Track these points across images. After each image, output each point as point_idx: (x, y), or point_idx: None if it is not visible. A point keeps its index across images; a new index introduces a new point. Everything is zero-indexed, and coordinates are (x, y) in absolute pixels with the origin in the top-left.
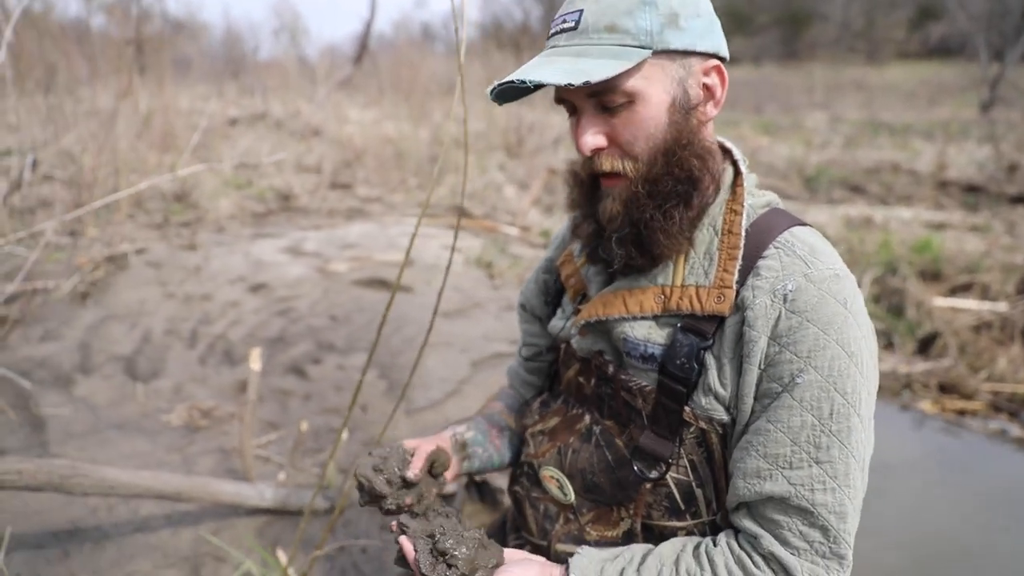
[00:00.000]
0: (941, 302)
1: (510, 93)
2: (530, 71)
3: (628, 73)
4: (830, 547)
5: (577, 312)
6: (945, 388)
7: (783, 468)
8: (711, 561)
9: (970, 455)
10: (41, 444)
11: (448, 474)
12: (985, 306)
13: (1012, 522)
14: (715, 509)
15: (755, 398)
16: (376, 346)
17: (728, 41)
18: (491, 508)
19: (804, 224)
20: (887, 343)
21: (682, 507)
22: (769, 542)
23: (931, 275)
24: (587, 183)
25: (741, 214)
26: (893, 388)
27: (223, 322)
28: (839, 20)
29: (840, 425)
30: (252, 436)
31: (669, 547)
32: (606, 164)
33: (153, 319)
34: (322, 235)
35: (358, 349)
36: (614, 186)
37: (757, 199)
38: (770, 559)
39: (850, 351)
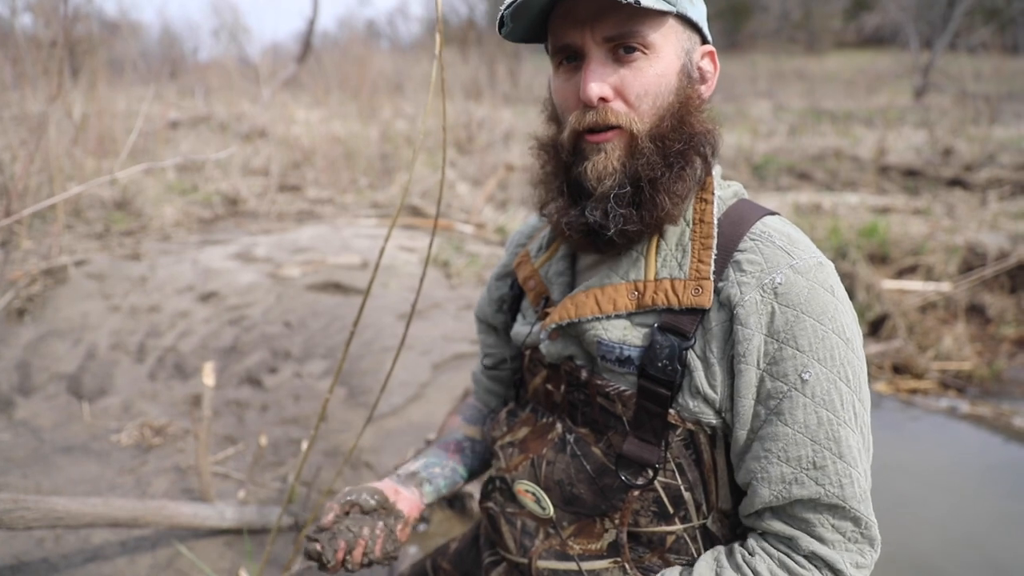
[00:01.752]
0: (889, 284)
1: (521, 18)
2: None
3: (653, 23)
4: (862, 532)
5: (545, 315)
6: (898, 368)
7: (807, 470)
8: (754, 571)
9: (925, 433)
10: None
11: (411, 512)
12: (930, 287)
13: (973, 498)
14: (705, 512)
15: (757, 400)
16: (343, 363)
17: None
18: (460, 516)
19: (774, 213)
20: None
21: (671, 511)
22: (807, 542)
23: (879, 258)
24: (566, 147)
25: (711, 203)
26: None
27: (172, 334)
28: (778, 11)
29: (848, 413)
30: (208, 453)
31: (704, 566)
32: (610, 117)
33: (97, 334)
34: (272, 239)
35: (315, 355)
36: (606, 140)
37: (725, 190)
38: (813, 558)
39: (845, 337)
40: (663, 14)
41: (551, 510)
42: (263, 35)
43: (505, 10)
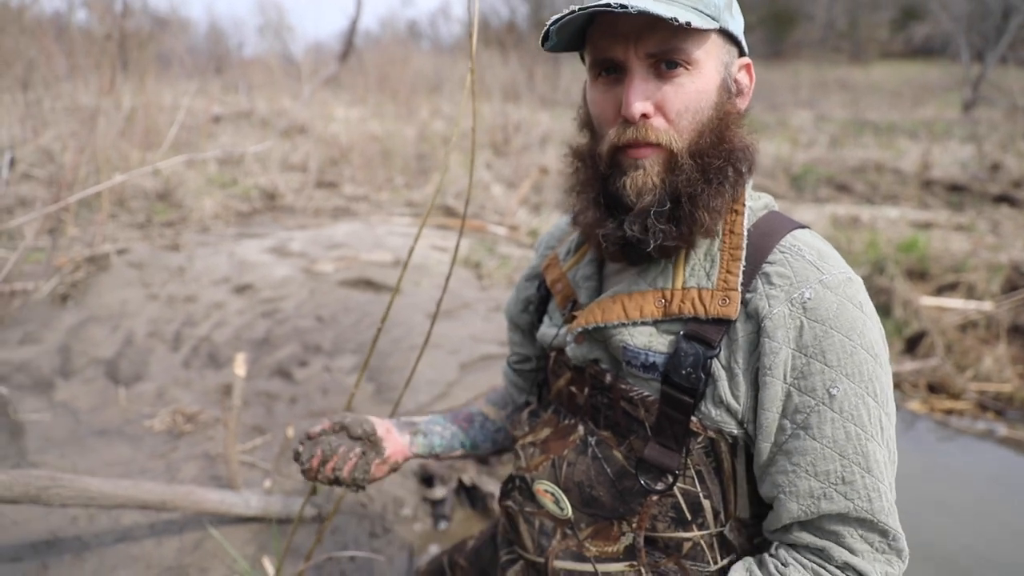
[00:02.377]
0: (928, 301)
1: (565, 33)
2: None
3: (697, 39)
4: (890, 544)
5: (572, 319)
6: (934, 388)
7: (836, 484)
8: None
9: (959, 455)
10: (19, 452)
11: (393, 454)
12: (971, 305)
13: (1005, 526)
14: (723, 520)
15: (783, 414)
16: (370, 357)
17: None
18: (482, 515)
19: (804, 227)
20: None
21: (688, 518)
22: (839, 552)
23: (918, 274)
24: (604, 159)
25: (742, 214)
26: None
27: (207, 324)
28: (823, 20)
29: (876, 427)
30: (237, 442)
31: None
32: (651, 135)
33: (135, 321)
34: (308, 235)
35: (345, 351)
36: (645, 157)
37: (755, 201)
38: (845, 568)
39: (874, 353)
40: (707, 30)
41: (569, 511)
42: (307, 33)
43: (551, 26)
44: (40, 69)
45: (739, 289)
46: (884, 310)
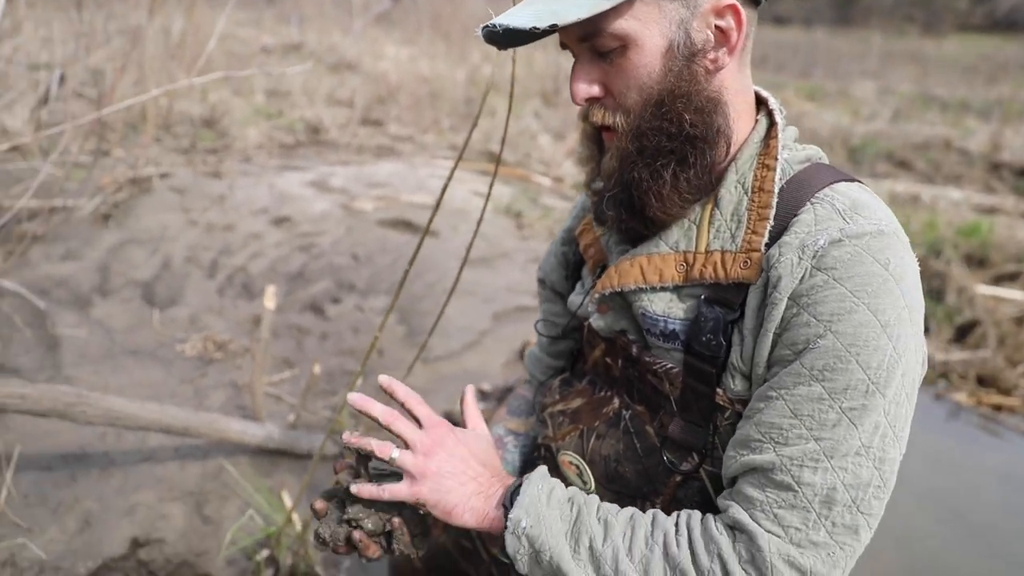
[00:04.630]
0: (984, 290)
1: (505, 38)
2: (505, 14)
3: (616, 13)
4: (807, 534)
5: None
6: (983, 380)
7: (776, 442)
8: (678, 523)
9: (1006, 451)
10: (55, 365)
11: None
12: None
13: None
14: None
15: (767, 366)
16: (398, 295)
17: (779, 1)
18: None
19: (853, 180)
20: (923, 328)
21: (715, 504)
22: (736, 511)
23: (976, 261)
24: (594, 135)
25: (774, 169)
26: (927, 376)
27: (244, 254)
28: None
29: (854, 403)
30: (264, 374)
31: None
32: (597, 115)
33: (174, 245)
34: (350, 171)
35: (379, 291)
36: (610, 140)
37: (795, 153)
38: (735, 526)
39: (884, 319)
40: (626, 2)
41: (592, 484)
42: None
43: (482, 37)
44: None
45: (762, 250)
46: (937, 295)
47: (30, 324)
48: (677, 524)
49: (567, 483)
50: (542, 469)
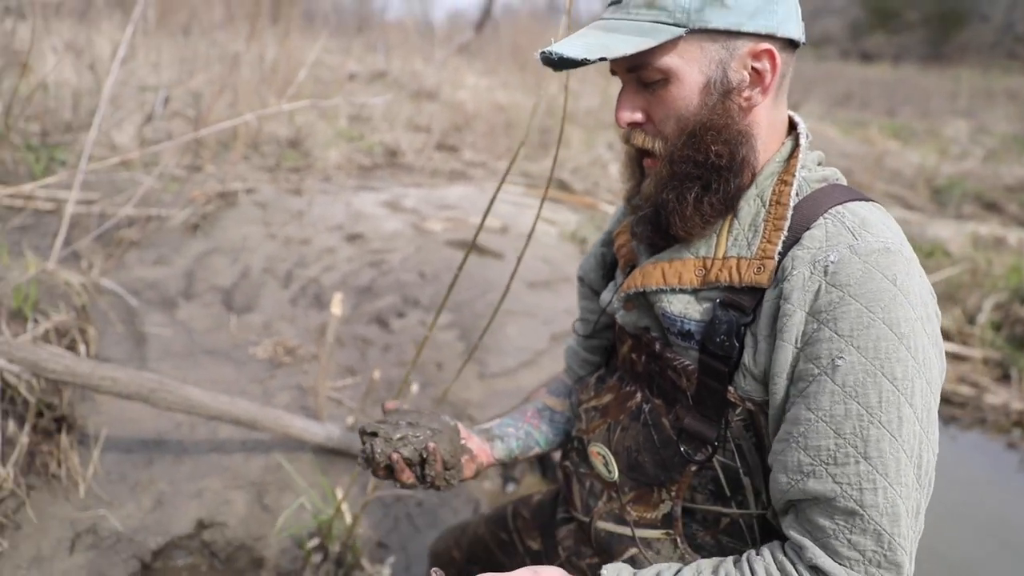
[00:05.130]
0: None
1: (560, 63)
2: (560, 43)
3: (662, 50)
4: (885, 554)
5: None
6: None
7: (827, 464)
8: (751, 569)
9: None
10: (141, 358)
11: (481, 454)
12: None
13: None
14: (765, 502)
15: (790, 380)
16: (447, 299)
17: (867, 37)
18: (551, 482)
19: (867, 200)
20: (1003, 375)
21: (728, 493)
22: (814, 553)
23: None
24: (637, 158)
25: (791, 184)
26: (1001, 424)
27: (317, 266)
28: (1000, 22)
29: (890, 415)
30: (328, 378)
31: (708, 561)
32: (638, 139)
33: (254, 256)
34: (422, 193)
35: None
36: (652, 167)
37: (812, 172)
38: (815, 571)
39: (899, 332)
40: (672, 41)
41: (617, 474)
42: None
43: (541, 61)
44: (200, 18)
45: (775, 258)
46: (1019, 342)
47: (123, 320)
48: (768, 570)
49: (595, 472)
50: (615, 565)
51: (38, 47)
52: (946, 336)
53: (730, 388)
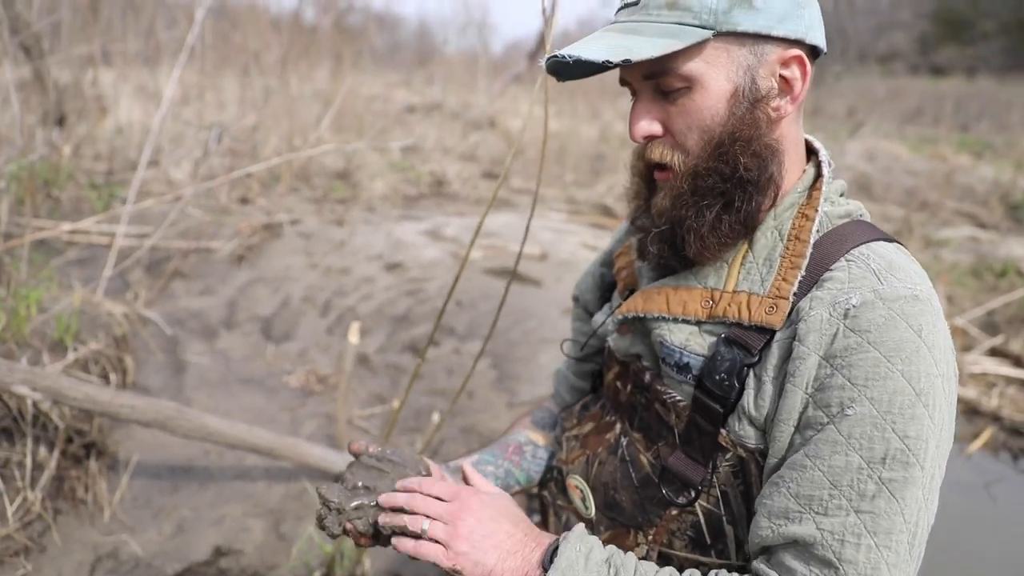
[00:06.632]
0: None
1: (568, 70)
2: (575, 46)
3: (685, 55)
4: None
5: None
6: None
7: (816, 512)
8: None
9: None
10: (178, 386)
11: None
12: None
13: None
14: (747, 553)
15: (796, 427)
16: (491, 334)
17: (937, 50)
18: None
19: (892, 240)
20: None
21: (708, 542)
22: None
23: None
24: (646, 173)
25: (812, 220)
26: None
27: (355, 295)
28: None
29: (894, 474)
30: (351, 407)
31: (668, 571)
32: (656, 153)
33: (295, 286)
34: (463, 221)
35: (477, 336)
36: (666, 180)
37: (836, 207)
38: None
39: (918, 387)
40: (697, 45)
41: (592, 510)
42: (509, 31)
43: (546, 69)
44: (260, 58)
45: (790, 299)
46: None
47: (164, 349)
48: None
49: (572, 506)
50: (579, 528)
51: (116, 91)
52: (1017, 361)
53: (722, 431)
